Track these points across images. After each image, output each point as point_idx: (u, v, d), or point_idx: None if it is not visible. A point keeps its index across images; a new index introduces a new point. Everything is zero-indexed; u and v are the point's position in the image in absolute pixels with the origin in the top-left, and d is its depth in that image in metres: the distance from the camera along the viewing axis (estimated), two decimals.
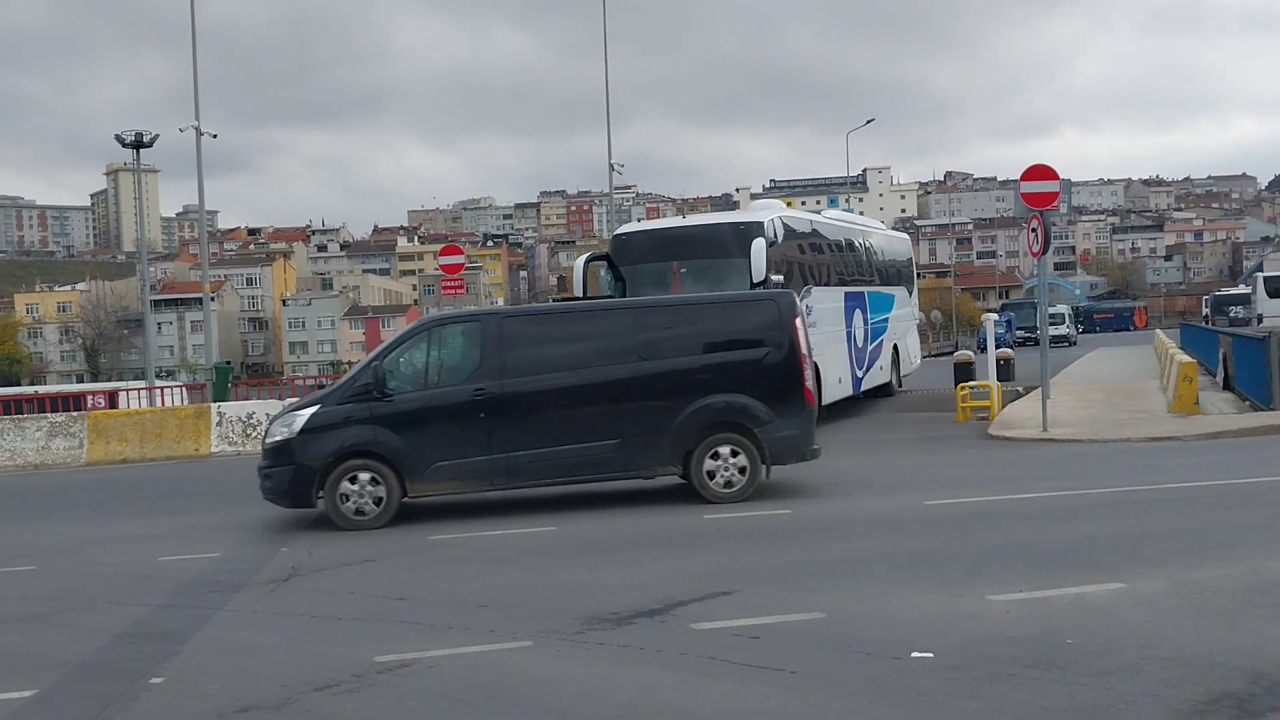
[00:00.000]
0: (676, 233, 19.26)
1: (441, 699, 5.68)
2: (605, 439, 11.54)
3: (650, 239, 18.87)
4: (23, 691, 6.11)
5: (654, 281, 17.85)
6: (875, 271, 24.45)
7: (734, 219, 19.02)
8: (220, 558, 10.11)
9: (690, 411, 11.59)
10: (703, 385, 11.72)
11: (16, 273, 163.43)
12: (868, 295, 23.10)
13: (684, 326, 12.06)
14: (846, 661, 5.97)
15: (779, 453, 11.88)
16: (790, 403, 11.85)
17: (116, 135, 34.20)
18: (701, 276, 17.70)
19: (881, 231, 27.14)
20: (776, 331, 11.98)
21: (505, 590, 8.16)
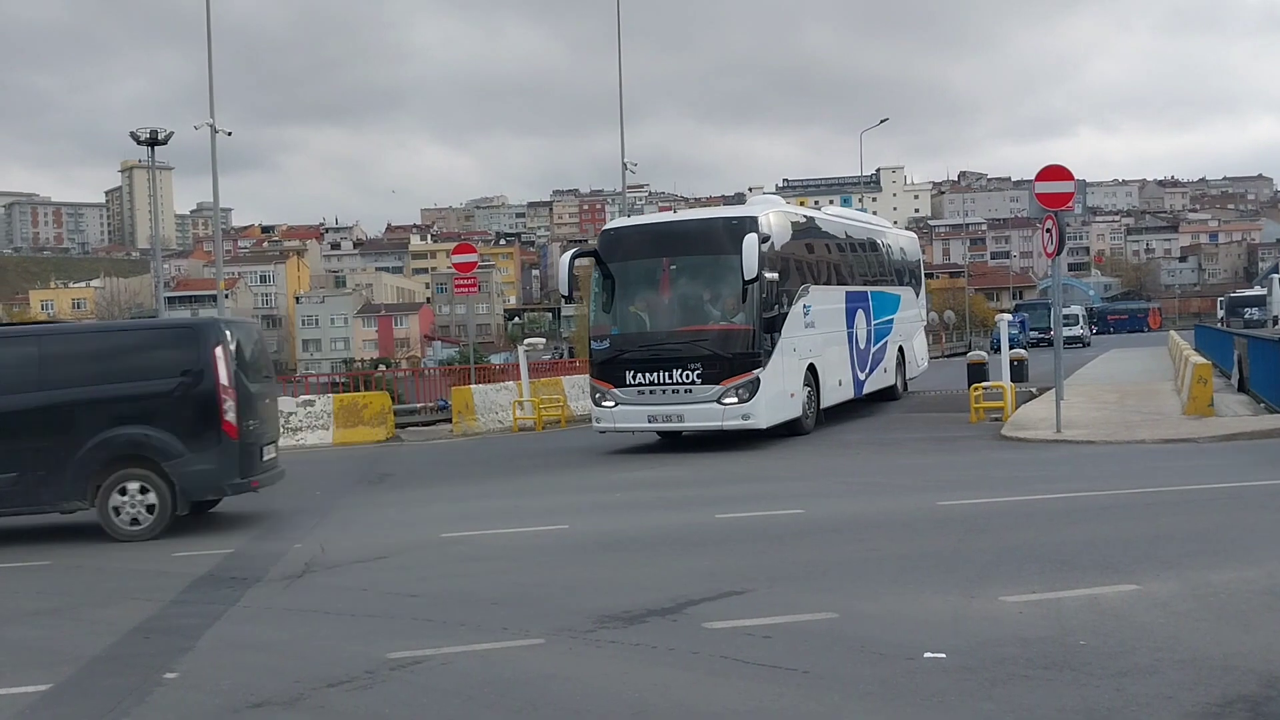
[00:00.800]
0: (666, 228, 18.42)
1: (454, 696, 5.69)
2: (1, 472, 11.01)
3: (639, 235, 18.10)
4: (38, 685, 6.14)
5: (643, 279, 17.41)
6: (880, 271, 23.84)
7: (727, 213, 18.23)
8: (233, 554, 10.14)
9: (93, 445, 11.09)
10: (111, 417, 11.18)
11: (32, 269, 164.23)
12: (871, 295, 22.49)
13: (92, 355, 11.50)
14: (859, 661, 5.96)
15: (193, 488, 11.33)
16: (206, 436, 11.20)
17: (131, 132, 34.31)
18: (692, 274, 17.23)
19: (888, 230, 26.51)
20: (194, 362, 11.31)
21: (517, 588, 8.17)
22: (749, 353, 16.48)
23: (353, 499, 13.67)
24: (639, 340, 17.11)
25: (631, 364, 16.83)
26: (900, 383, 24.54)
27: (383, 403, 22.42)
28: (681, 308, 17.14)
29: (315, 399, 22.63)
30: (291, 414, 21.69)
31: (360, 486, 14.93)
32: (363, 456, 18.88)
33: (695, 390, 16.46)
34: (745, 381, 16.38)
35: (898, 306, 24.40)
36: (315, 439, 21.50)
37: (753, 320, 16.53)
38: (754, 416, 16.44)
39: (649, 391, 16.68)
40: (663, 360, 16.64)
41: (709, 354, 16.48)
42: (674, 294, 17.22)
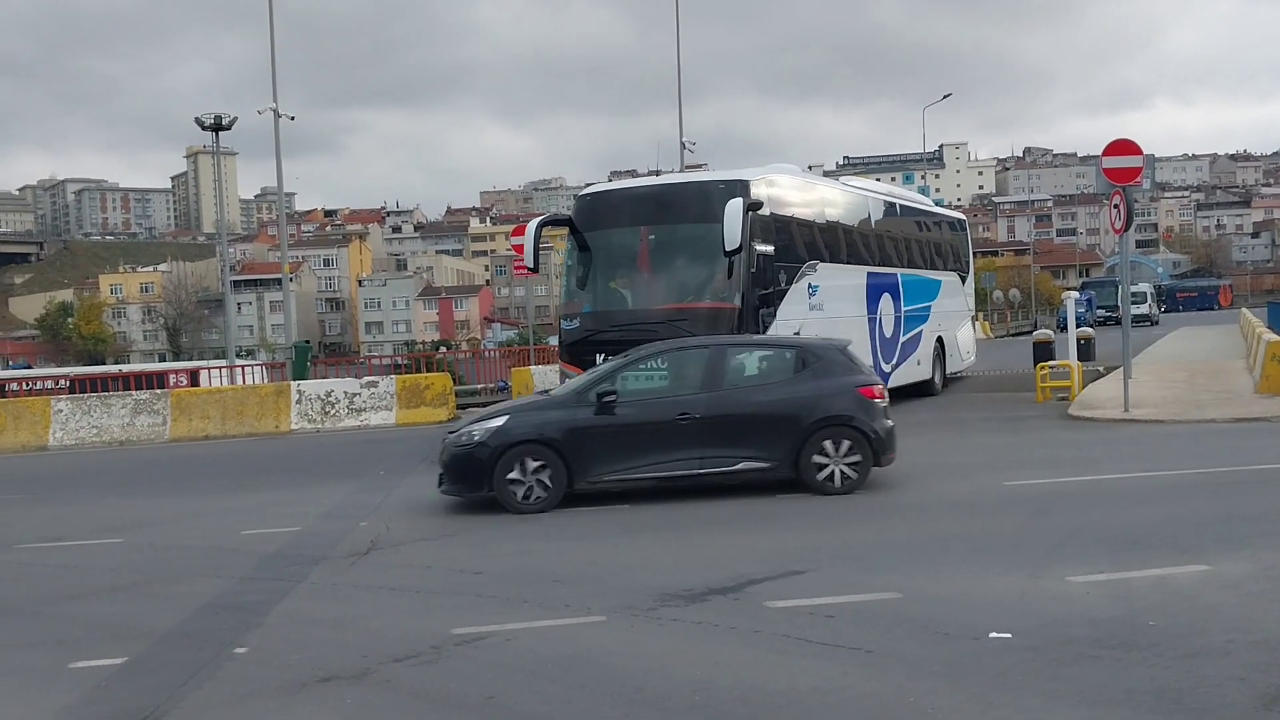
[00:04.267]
0: (645, 193, 16.22)
1: (518, 671, 5.73)
2: None
3: (616, 201, 16.17)
4: (113, 659, 6.29)
5: (619, 251, 15.71)
6: (915, 253, 22.03)
7: (713, 177, 15.96)
8: (301, 532, 10.30)
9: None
10: None
11: (101, 254, 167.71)
12: (902, 279, 20.70)
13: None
14: (923, 641, 5.91)
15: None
16: None
17: (196, 118, 34.83)
18: (673, 245, 15.47)
19: (927, 209, 24.44)
20: None
21: (579, 566, 8.21)
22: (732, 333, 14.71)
23: (416, 478, 13.79)
24: (611, 319, 15.36)
25: (602, 346, 14.78)
26: (939, 377, 22.26)
27: (444, 384, 22.60)
28: (660, 283, 15.41)
29: (379, 380, 22.88)
30: (356, 395, 21.96)
31: (423, 466, 15.04)
32: (425, 437, 19.03)
33: None
34: None
35: (936, 292, 22.53)
36: (379, 419, 21.76)
37: (739, 298, 14.79)
38: None
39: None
40: (636, 342, 14.05)
41: (685, 335, 14.19)
42: (652, 268, 15.52)
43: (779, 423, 10.76)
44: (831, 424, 10.73)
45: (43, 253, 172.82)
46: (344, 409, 21.73)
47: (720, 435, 10.77)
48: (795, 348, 11.49)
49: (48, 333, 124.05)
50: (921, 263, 22.17)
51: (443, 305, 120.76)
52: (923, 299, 21.55)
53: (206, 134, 34.67)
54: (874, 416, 10.87)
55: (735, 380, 11.16)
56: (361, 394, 22.05)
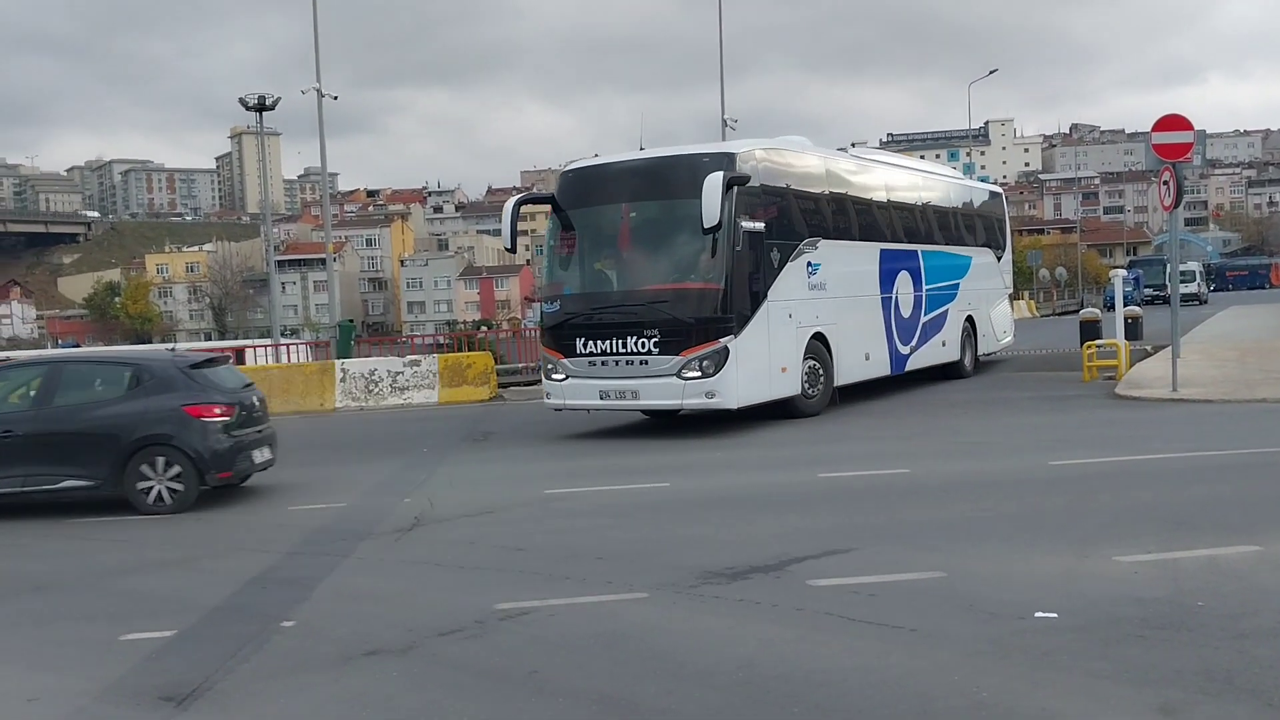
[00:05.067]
0: (626, 168, 15.15)
1: (561, 646, 5.76)
2: None
3: (597, 177, 15.18)
4: (164, 631, 6.39)
5: (599, 229, 14.95)
6: (940, 228, 20.55)
7: (697, 150, 14.85)
8: (346, 508, 10.40)
9: None
10: None
11: (147, 234, 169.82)
12: (923, 256, 19.38)
13: None
14: (968, 620, 5.88)
15: None
16: None
17: (240, 99, 35.09)
18: (654, 223, 14.65)
19: (958, 182, 22.95)
20: None
21: (621, 544, 8.23)
22: (716, 318, 13.79)
23: (458, 456, 13.90)
24: (591, 302, 14.65)
25: (582, 330, 14.41)
26: (969, 358, 21.21)
27: (486, 363, 22.72)
28: (640, 264, 14.63)
29: (421, 359, 23.04)
30: (399, 374, 22.13)
31: (465, 444, 15.16)
32: (467, 415, 19.16)
33: (651, 362, 13.90)
34: (710, 352, 13.70)
35: (966, 270, 21.21)
36: (421, 398, 21.91)
37: (723, 279, 13.80)
38: (720, 394, 13.81)
39: (600, 363, 14.22)
40: (616, 326, 14.13)
41: (667, 319, 13.82)
42: (633, 247, 14.78)
43: (102, 441, 10.67)
44: (152, 443, 10.62)
45: (90, 233, 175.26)
46: (387, 387, 21.91)
47: (45, 453, 10.68)
48: (132, 365, 11.33)
49: (96, 312, 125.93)
50: (948, 239, 20.82)
51: (484, 285, 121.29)
52: (949, 277, 20.39)
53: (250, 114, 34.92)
54: (200, 435, 10.66)
55: (68, 398, 11.03)
56: (404, 373, 22.22)
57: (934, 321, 19.67)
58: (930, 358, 19.69)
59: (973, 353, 21.49)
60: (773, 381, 14.76)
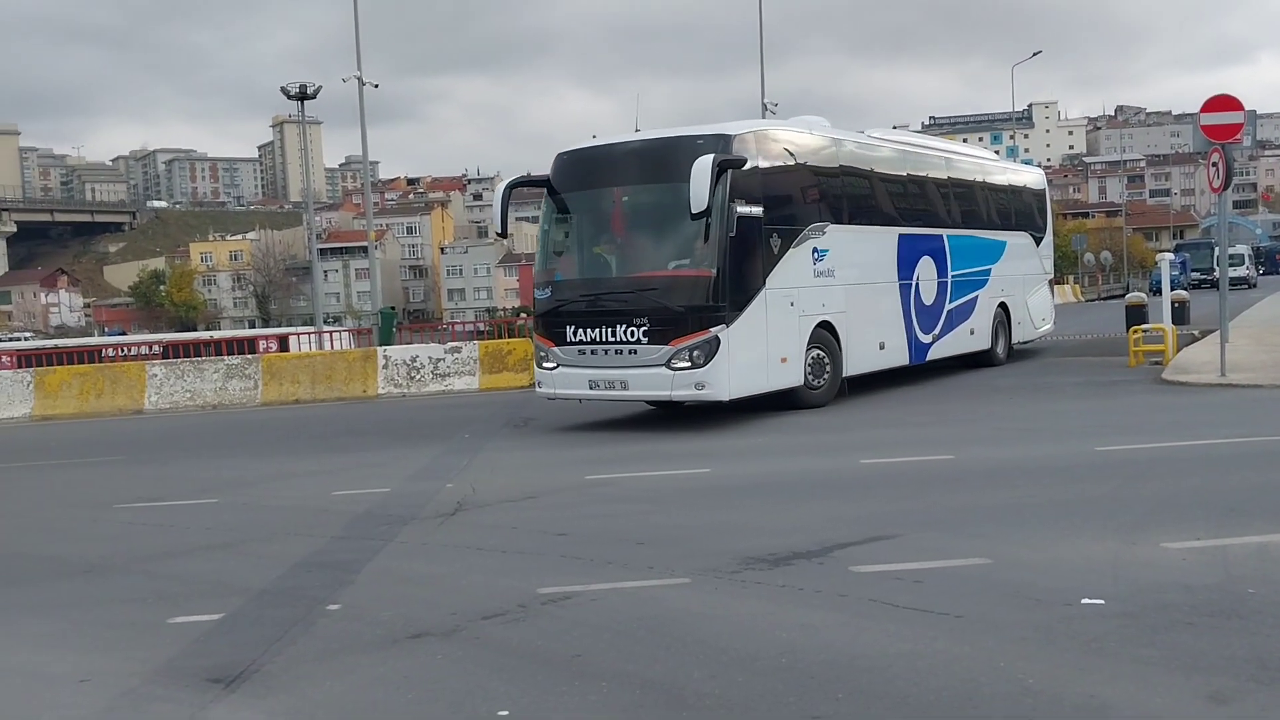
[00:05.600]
0: (619, 151, 14.73)
1: (604, 630, 5.77)
2: None
3: (590, 160, 14.78)
4: (210, 615, 6.46)
5: (591, 214, 14.64)
6: (969, 212, 19.91)
7: (691, 132, 14.26)
8: (390, 493, 10.47)
9: None
10: None
11: (191, 222, 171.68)
12: (949, 240, 18.76)
13: None
14: (1014, 607, 5.82)
15: None
16: None
17: (282, 87, 35.41)
18: (646, 208, 14.23)
19: (986, 163, 22.02)
20: None
21: (662, 529, 8.23)
22: (707, 306, 13.31)
23: (500, 442, 13.95)
24: (581, 289, 14.38)
25: (572, 318, 14.10)
26: (1002, 347, 20.68)
27: (526, 349, 22.76)
28: (631, 249, 14.30)
29: (461, 346, 23.16)
30: (440, 360, 22.27)
31: (506, 430, 15.23)
32: (507, 401, 19.24)
33: (641, 351, 13.51)
34: (700, 342, 13.25)
35: (999, 255, 20.61)
36: (462, 384, 22.02)
37: (715, 266, 13.31)
38: (710, 385, 13.33)
39: (590, 352, 13.92)
40: (606, 314, 13.81)
41: (656, 307, 13.46)
42: (624, 232, 14.43)
43: None
44: None
45: (135, 222, 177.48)
46: (428, 374, 22.04)
47: None
48: None
49: (141, 300, 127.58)
50: (979, 223, 20.19)
51: (523, 272, 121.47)
52: (979, 262, 19.80)
53: (292, 103, 35.20)
54: None
55: None
56: (445, 359, 22.35)
57: (961, 308, 19.11)
58: (956, 346, 19.10)
59: (1006, 341, 20.89)
60: (771, 372, 14.29)
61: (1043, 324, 22.86)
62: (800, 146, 15.54)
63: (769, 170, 14.44)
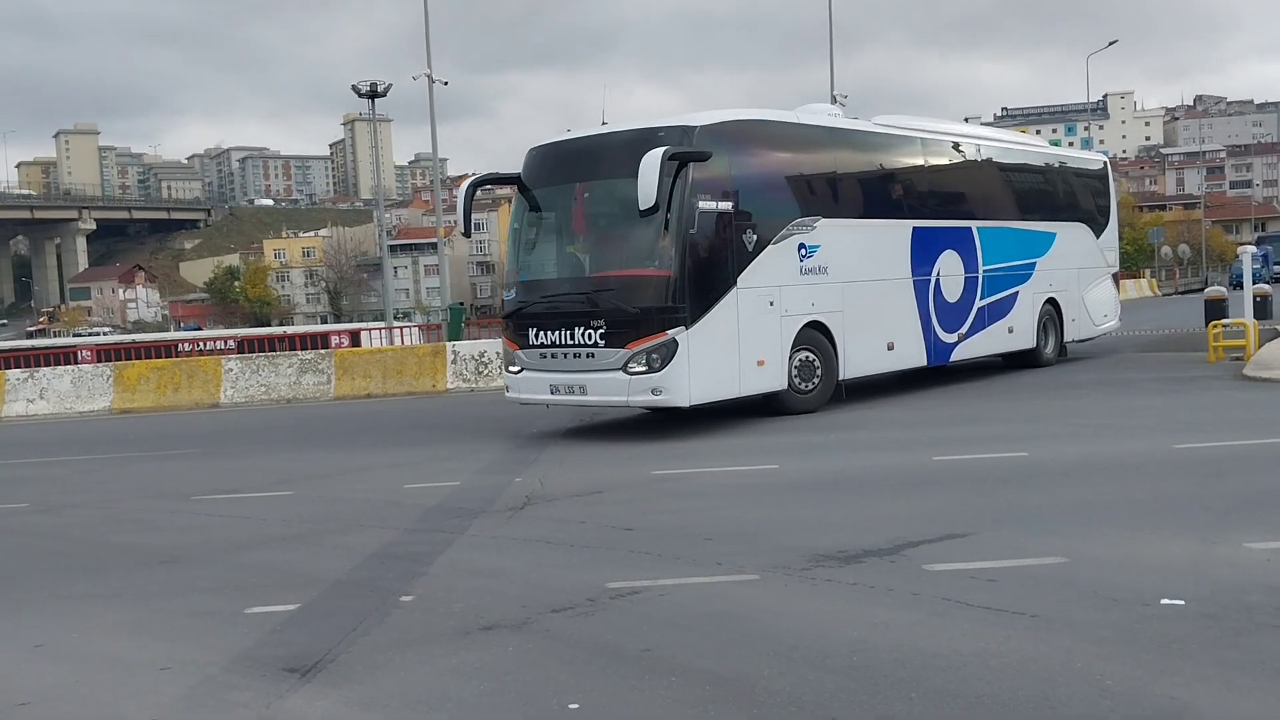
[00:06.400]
0: (583, 145, 14.08)
1: (672, 625, 5.77)
2: None
3: (556, 155, 14.26)
4: (288, 605, 6.57)
5: (555, 211, 14.11)
6: (1007, 202, 18.97)
7: (654, 124, 13.46)
8: (460, 486, 10.57)
9: None
10: None
11: (264, 220, 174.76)
12: (979, 233, 17.74)
13: None
14: (1091, 607, 5.72)
15: None
16: None
17: (353, 85, 35.85)
18: (607, 204, 13.60)
19: (1032, 150, 20.80)
20: None
21: (730, 525, 8.21)
22: (664, 308, 12.66)
23: (566, 436, 14.02)
24: (542, 290, 13.88)
25: (534, 320, 13.62)
26: (1051, 346, 19.70)
27: None
28: (591, 248, 13.81)
29: None
30: None
31: (573, 424, 15.29)
32: None
33: (598, 355, 12.96)
34: (657, 345, 12.61)
35: (1046, 248, 19.46)
36: None
37: (674, 264, 12.66)
38: (667, 391, 12.71)
39: (550, 355, 13.44)
40: (565, 316, 13.28)
41: (612, 308, 12.88)
42: (584, 231, 13.96)
43: None
44: None
45: (210, 219, 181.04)
46: (496, 369, 22.20)
47: None
48: None
49: (216, 296, 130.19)
50: (1020, 214, 19.14)
51: None
52: (1020, 256, 18.78)
53: (363, 101, 35.64)
54: None
55: None
56: None
57: (996, 305, 18.14)
58: (990, 346, 18.16)
59: (1056, 339, 19.89)
60: (744, 376, 13.52)
61: (1105, 320, 21.75)
62: (785, 137, 14.75)
63: (743, 163, 13.75)
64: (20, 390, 21.99)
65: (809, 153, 15.16)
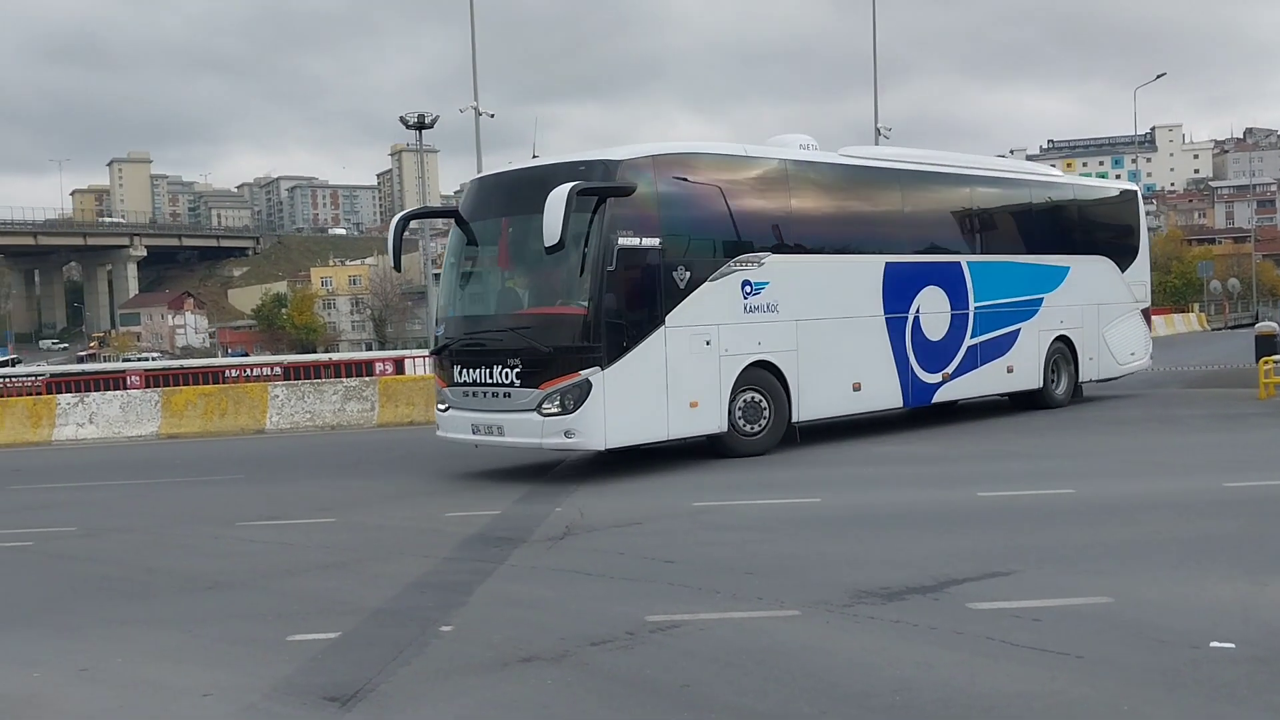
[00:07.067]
0: (507, 179, 13.84)
1: (712, 661, 5.74)
2: None
3: (484, 189, 14.10)
4: (328, 633, 6.60)
5: (482, 246, 13.72)
6: (1004, 235, 18.08)
7: (575, 159, 13.14)
8: (500, 515, 10.59)
9: None
10: None
11: (312, 248, 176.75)
12: (969, 267, 16.88)
13: None
14: (1137, 648, 5.63)
15: None
16: None
17: (401, 117, 36.31)
18: (527, 240, 12.95)
19: (1040, 180, 19.56)
20: None
21: (771, 559, 8.16)
22: (576, 347, 12.23)
23: (605, 467, 13.99)
24: (465, 326, 13.57)
25: (458, 357, 13.35)
26: (1063, 386, 18.69)
27: None
28: (510, 285, 13.60)
29: None
30: None
31: (612, 454, 15.25)
32: None
33: (514, 395, 12.57)
34: (569, 385, 12.16)
35: (1057, 283, 18.48)
36: None
37: (589, 302, 12.21)
38: (580, 433, 12.22)
39: (472, 394, 13.09)
40: (486, 354, 12.96)
41: (527, 347, 12.49)
42: (506, 267, 13.64)
43: None
44: None
45: (259, 247, 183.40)
46: None
47: None
48: None
49: (263, 322, 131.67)
50: (1023, 246, 18.28)
51: None
52: (1021, 291, 17.85)
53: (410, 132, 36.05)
54: None
55: None
56: None
57: (992, 344, 17.24)
58: (982, 386, 17.34)
59: (1069, 379, 18.80)
60: (674, 418, 12.96)
61: (1131, 359, 20.37)
62: (726, 170, 14.12)
63: (674, 198, 13.21)
64: (70, 414, 22.34)
65: (756, 186, 14.57)
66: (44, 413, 22.32)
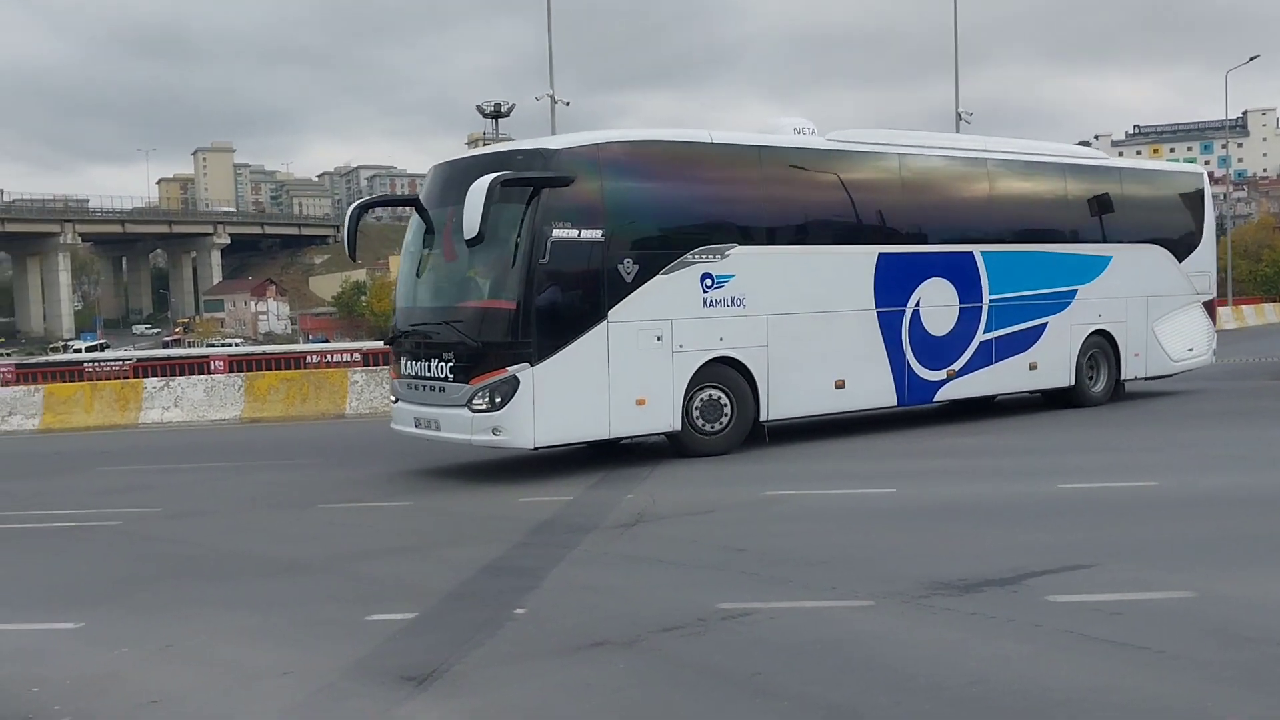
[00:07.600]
0: (457, 167, 13.27)
1: (782, 649, 5.73)
2: None
3: (436, 176, 13.53)
4: (404, 614, 6.70)
5: (429, 236, 13.27)
6: (1029, 223, 16.95)
7: (514, 147, 12.79)
8: (572, 501, 10.66)
9: None
10: None
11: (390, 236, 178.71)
12: (984, 257, 15.86)
13: None
14: (1218, 645, 5.50)
15: None
16: None
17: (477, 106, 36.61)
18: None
19: (1076, 164, 18.02)
20: None
21: (844, 549, 8.11)
22: (505, 342, 11.83)
23: (676, 454, 14.00)
24: (409, 318, 13.27)
25: (403, 349, 13.12)
26: (1102, 384, 17.53)
27: None
28: (449, 276, 13.08)
29: None
30: None
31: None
32: None
33: (448, 389, 12.24)
34: (496, 382, 11.76)
35: (1095, 273, 17.32)
36: None
37: (517, 297, 11.81)
38: (507, 431, 11.78)
39: (414, 386, 12.85)
40: (426, 346, 12.69)
41: (459, 341, 12.18)
42: (448, 258, 13.12)
43: None
44: None
45: (339, 235, 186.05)
46: None
47: None
48: None
49: (343, 310, 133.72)
50: (1054, 235, 17.16)
51: None
52: (1050, 282, 16.74)
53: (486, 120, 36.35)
54: None
55: None
56: None
57: (1011, 339, 16.20)
58: (998, 384, 16.32)
59: (1110, 376, 17.62)
60: (615, 417, 12.43)
61: (1189, 355, 18.92)
62: (684, 159, 13.46)
63: (621, 188, 12.62)
64: (156, 398, 22.90)
65: (721, 176, 13.86)
66: (131, 396, 22.92)
